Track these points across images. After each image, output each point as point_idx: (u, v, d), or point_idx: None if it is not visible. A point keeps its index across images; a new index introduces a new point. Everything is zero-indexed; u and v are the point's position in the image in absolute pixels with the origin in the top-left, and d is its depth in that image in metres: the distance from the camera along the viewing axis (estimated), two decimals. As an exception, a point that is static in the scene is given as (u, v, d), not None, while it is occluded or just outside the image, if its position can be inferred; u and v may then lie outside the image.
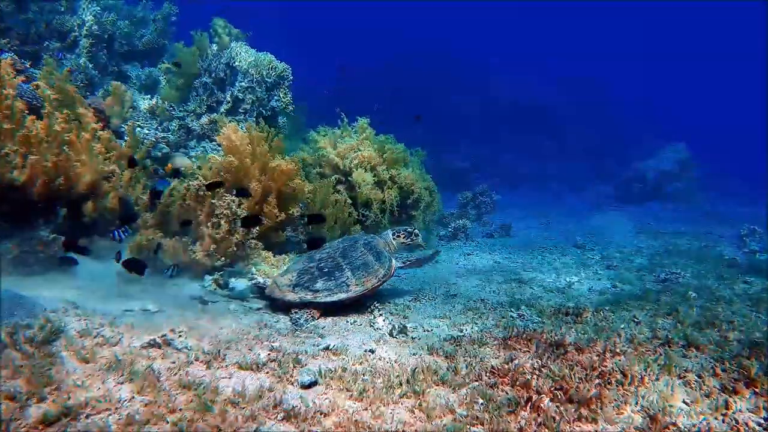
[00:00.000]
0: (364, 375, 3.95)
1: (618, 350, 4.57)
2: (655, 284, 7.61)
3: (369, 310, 5.87)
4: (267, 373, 3.98)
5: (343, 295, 5.95)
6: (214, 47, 11.17)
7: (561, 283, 7.58)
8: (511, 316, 5.79)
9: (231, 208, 6.88)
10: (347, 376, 3.87)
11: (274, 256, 7.73)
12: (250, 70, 10.50)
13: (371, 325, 5.38)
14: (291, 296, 5.94)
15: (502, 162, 28.24)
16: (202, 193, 6.68)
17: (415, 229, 7.13)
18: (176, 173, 6.30)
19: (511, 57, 39.56)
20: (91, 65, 10.86)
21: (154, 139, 8.95)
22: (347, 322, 5.46)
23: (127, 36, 12.45)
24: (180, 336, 4.26)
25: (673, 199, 21.61)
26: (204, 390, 3.51)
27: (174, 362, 3.95)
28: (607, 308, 6.04)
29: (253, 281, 6.71)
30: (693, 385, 3.89)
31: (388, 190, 9.66)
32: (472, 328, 5.35)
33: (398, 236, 6.98)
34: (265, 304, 6.10)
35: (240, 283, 6.29)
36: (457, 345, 4.78)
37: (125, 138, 8.87)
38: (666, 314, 5.75)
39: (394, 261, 6.59)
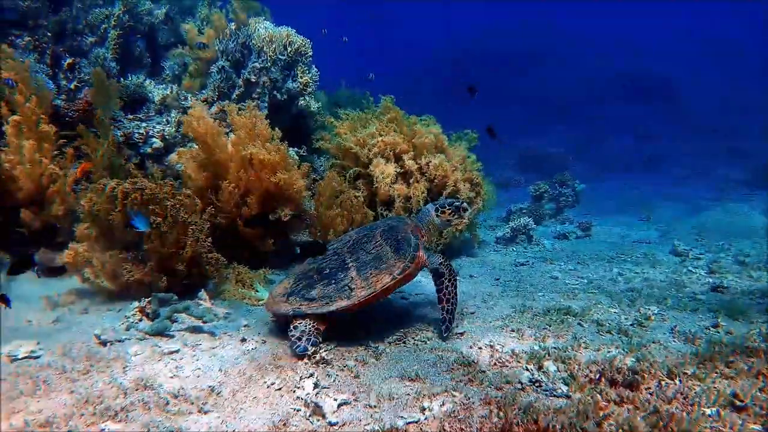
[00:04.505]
0: None
1: (679, 488, 2.42)
2: (789, 322, 4.97)
3: (313, 361, 4.12)
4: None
5: (344, 303, 4.43)
6: (232, 26, 9.98)
7: (629, 317, 5.20)
8: (520, 382, 3.72)
9: (178, 214, 5.52)
10: None
11: (251, 271, 6.31)
12: (264, 48, 9.13)
13: (294, 391, 3.65)
14: (284, 307, 4.55)
15: (606, 145, 24.57)
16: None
17: (464, 202, 5.21)
18: None
19: (617, 22, 34.64)
20: (110, 56, 10.18)
21: (143, 132, 7.91)
22: (265, 383, 3.77)
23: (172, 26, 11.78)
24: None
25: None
26: None
27: None
28: (690, 371, 3.73)
29: (201, 307, 5.30)
30: None
31: (416, 185, 7.75)
32: (442, 403, 3.40)
33: (443, 212, 5.13)
34: (192, 340, 4.60)
35: (166, 312, 4.87)
36: (392, 446, 2.91)
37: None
38: (799, 391, 3.34)
39: (422, 252, 4.80)
